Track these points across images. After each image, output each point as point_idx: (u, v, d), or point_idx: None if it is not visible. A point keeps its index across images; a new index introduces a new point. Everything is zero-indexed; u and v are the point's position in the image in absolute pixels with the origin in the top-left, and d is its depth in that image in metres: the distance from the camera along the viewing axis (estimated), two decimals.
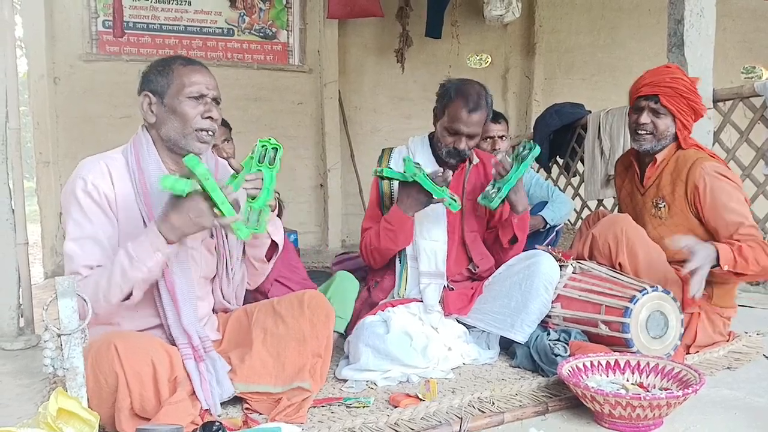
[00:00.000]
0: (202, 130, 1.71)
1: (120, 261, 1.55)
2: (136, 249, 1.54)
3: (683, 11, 3.09)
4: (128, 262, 1.54)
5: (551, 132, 4.66)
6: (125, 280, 1.55)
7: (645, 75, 2.30)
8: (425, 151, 2.43)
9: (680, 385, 1.70)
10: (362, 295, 2.43)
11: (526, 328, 2.13)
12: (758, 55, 7.05)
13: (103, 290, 1.55)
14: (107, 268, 1.58)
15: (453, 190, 2.33)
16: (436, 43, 5.91)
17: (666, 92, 2.22)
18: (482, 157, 2.52)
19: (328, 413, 1.70)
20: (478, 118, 2.27)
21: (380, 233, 2.31)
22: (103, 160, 1.70)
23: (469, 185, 2.43)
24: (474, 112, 2.25)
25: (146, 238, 1.56)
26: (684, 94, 2.22)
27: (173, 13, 5.05)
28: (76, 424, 1.28)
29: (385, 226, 2.30)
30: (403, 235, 2.29)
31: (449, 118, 2.30)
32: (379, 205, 2.44)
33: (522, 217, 2.36)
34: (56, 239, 4.66)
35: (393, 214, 2.28)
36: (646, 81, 2.27)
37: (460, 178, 2.43)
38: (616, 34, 6.58)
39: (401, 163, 2.34)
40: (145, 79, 1.75)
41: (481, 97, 2.28)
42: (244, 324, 1.84)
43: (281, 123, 5.43)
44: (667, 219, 2.29)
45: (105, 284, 1.55)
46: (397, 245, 2.32)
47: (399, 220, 2.26)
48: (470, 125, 2.27)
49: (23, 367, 2.25)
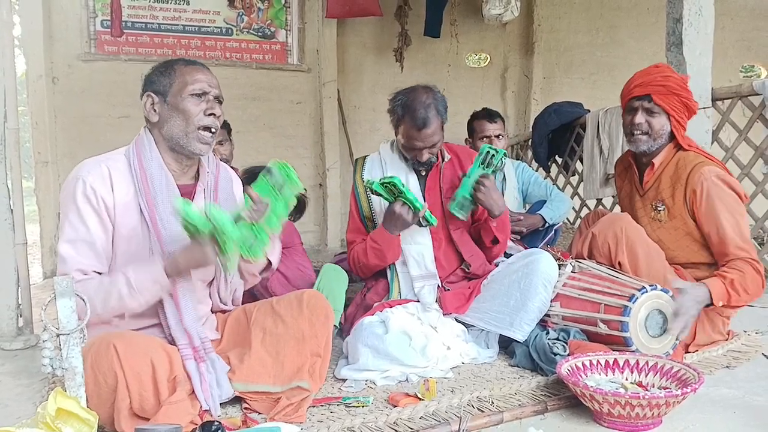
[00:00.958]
0: (205, 128, 1.72)
1: (118, 286, 1.58)
2: (137, 280, 1.58)
3: (682, 10, 3.09)
4: (127, 290, 1.58)
5: (550, 131, 4.66)
6: (121, 305, 1.60)
7: (635, 76, 2.30)
8: (395, 158, 2.43)
9: (679, 384, 1.70)
10: (356, 299, 2.44)
11: (525, 327, 2.13)
12: (757, 53, 7.04)
13: (98, 305, 1.58)
14: (103, 286, 1.59)
15: (430, 190, 2.34)
16: (435, 42, 5.91)
17: (658, 91, 2.22)
18: (456, 151, 2.51)
19: (328, 413, 1.70)
20: (431, 130, 2.25)
21: (368, 251, 2.32)
22: (105, 162, 1.71)
23: (446, 183, 2.42)
24: (425, 128, 2.24)
25: (148, 271, 1.59)
26: (676, 92, 2.22)
27: (171, 13, 5.04)
28: (75, 424, 1.28)
29: (372, 245, 2.31)
30: (391, 252, 2.31)
31: (403, 136, 2.31)
32: (360, 216, 2.45)
33: (500, 219, 2.35)
34: (55, 239, 4.64)
35: (379, 234, 2.30)
36: (637, 82, 2.27)
37: (435, 177, 2.42)
38: (614, 33, 6.58)
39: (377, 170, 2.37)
40: (148, 80, 1.76)
41: (429, 108, 2.24)
42: (243, 324, 1.85)
43: (280, 122, 5.42)
44: (667, 222, 2.29)
45: (100, 302, 1.58)
46: (385, 261, 2.34)
47: (385, 239, 2.28)
48: (425, 139, 2.27)
49: (22, 367, 2.25)
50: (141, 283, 1.58)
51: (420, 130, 2.24)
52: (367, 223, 2.42)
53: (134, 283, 1.58)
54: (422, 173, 2.42)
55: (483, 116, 3.39)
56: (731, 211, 2.14)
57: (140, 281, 1.58)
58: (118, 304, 1.59)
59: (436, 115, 2.26)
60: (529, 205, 3.44)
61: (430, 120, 2.23)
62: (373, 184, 2.21)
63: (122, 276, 1.59)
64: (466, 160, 2.46)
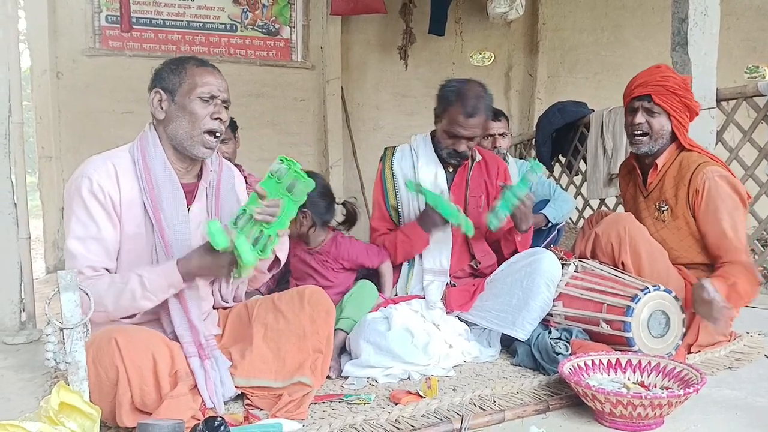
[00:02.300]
0: (210, 132, 1.72)
1: (131, 286, 1.58)
2: (151, 282, 1.58)
3: (687, 10, 3.08)
4: (140, 290, 1.58)
5: (554, 130, 4.65)
6: (133, 305, 1.60)
7: (636, 77, 2.31)
8: (428, 151, 2.44)
9: (681, 384, 1.70)
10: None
11: (528, 326, 2.13)
12: (762, 54, 7.02)
13: (110, 305, 1.58)
14: (115, 285, 1.60)
15: (456, 186, 2.34)
16: (440, 40, 5.90)
17: (658, 90, 2.22)
18: (485, 155, 2.53)
19: (329, 409, 1.70)
20: (477, 121, 2.28)
21: (397, 244, 2.38)
22: (110, 159, 1.71)
23: (473, 183, 2.45)
24: (472, 117, 2.26)
25: (164, 275, 1.60)
26: (676, 92, 2.22)
27: (176, 9, 5.05)
28: (77, 418, 1.28)
29: (402, 239, 2.36)
30: (420, 246, 2.36)
31: (448, 121, 2.31)
32: (386, 205, 2.46)
33: (525, 235, 2.39)
34: (58, 234, 4.66)
35: (412, 229, 2.34)
36: (637, 82, 2.28)
37: (463, 175, 2.44)
38: (619, 32, 6.56)
39: (406, 162, 2.35)
40: (158, 76, 1.75)
41: (480, 99, 2.28)
42: (244, 319, 1.85)
43: (284, 119, 5.42)
44: (670, 222, 2.28)
45: (111, 302, 1.58)
46: (413, 255, 2.40)
47: (417, 235, 2.33)
48: (469, 128, 2.28)
49: (25, 361, 2.25)
50: (154, 283, 1.59)
51: (468, 117, 2.26)
52: (392, 212, 2.45)
53: (147, 283, 1.58)
54: (450, 170, 2.43)
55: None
56: (731, 211, 2.14)
57: (153, 281, 1.59)
58: (130, 304, 1.59)
59: (484, 109, 2.30)
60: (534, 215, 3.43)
61: (478, 110, 2.27)
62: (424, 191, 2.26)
63: (135, 276, 1.59)
64: (493, 165, 2.50)
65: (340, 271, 2.42)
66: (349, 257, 2.40)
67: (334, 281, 2.41)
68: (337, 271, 2.42)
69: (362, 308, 2.21)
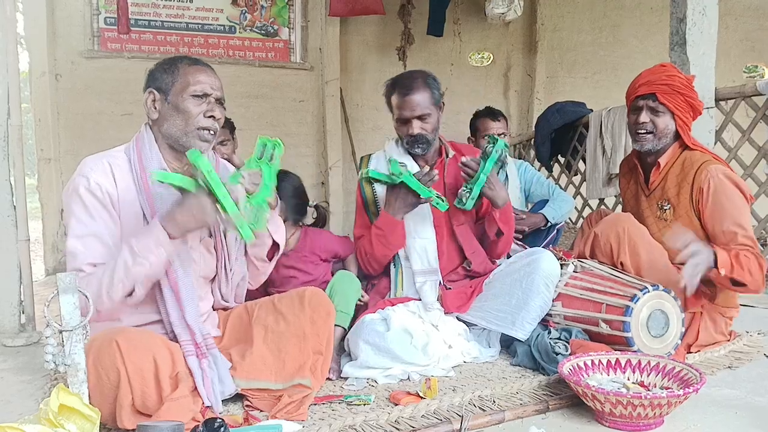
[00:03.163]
0: (204, 128, 1.72)
1: (123, 256, 1.56)
2: (138, 244, 1.55)
3: (686, 10, 3.08)
4: (131, 257, 1.54)
5: (553, 130, 4.65)
6: (128, 276, 1.55)
7: (641, 75, 2.30)
8: (399, 150, 2.43)
9: (681, 384, 1.70)
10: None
11: (527, 326, 2.13)
12: (761, 53, 7.03)
13: (106, 286, 1.55)
14: (110, 265, 1.58)
15: (434, 186, 2.33)
16: (438, 41, 5.90)
17: (663, 90, 2.21)
18: (459, 149, 2.51)
19: (329, 411, 1.70)
20: (419, 98, 2.27)
21: (372, 240, 2.33)
22: (106, 158, 1.71)
23: (449, 178, 2.43)
24: (408, 95, 2.27)
25: (149, 233, 1.57)
26: (681, 91, 2.21)
27: (175, 11, 5.05)
28: (77, 421, 1.28)
29: (376, 232, 2.32)
30: (395, 238, 2.31)
31: (394, 110, 2.34)
32: (366, 211, 2.45)
33: (504, 210, 2.35)
34: (57, 236, 4.66)
35: (382, 219, 2.31)
36: (642, 81, 2.27)
37: (439, 173, 2.42)
38: (618, 32, 6.57)
39: (382, 166, 2.36)
40: (151, 76, 1.76)
41: (415, 79, 2.30)
42: (244, 321, 1.85)
43: (283, 120, 5.43)
44: (672, 221, 2.28)
45: (108, 281, 1.56)
46: (391, 250, 2.35)
47: (389, 224, 2.29)
48: (413, 107, 2.28)
49: (24, 363, 2.25)
50: (143, 246, 1.55)
51: (404, 96, 2.27)
52: (372, 217, 2.43)
53: (136, 248, 1.54)
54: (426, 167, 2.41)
55: (486, 114, 3.39)
56: (737, 208, 2.14)
57: (142, 244, 1.55)
58: (125, 275, 1.55)
59: (423, 85, 2.29)
60: (531, 205, 3.44)
61: (415, 87, 2.28)
62: (369, 172, 2.28)
63: (125, 246, 1.57)
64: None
65: (318, 264, 2.51)
66: (323, 246, 2.50)
67: (314, 273, 2.48)
68: (315, 264, 2.50)
69: (349, 298, 2.23)
